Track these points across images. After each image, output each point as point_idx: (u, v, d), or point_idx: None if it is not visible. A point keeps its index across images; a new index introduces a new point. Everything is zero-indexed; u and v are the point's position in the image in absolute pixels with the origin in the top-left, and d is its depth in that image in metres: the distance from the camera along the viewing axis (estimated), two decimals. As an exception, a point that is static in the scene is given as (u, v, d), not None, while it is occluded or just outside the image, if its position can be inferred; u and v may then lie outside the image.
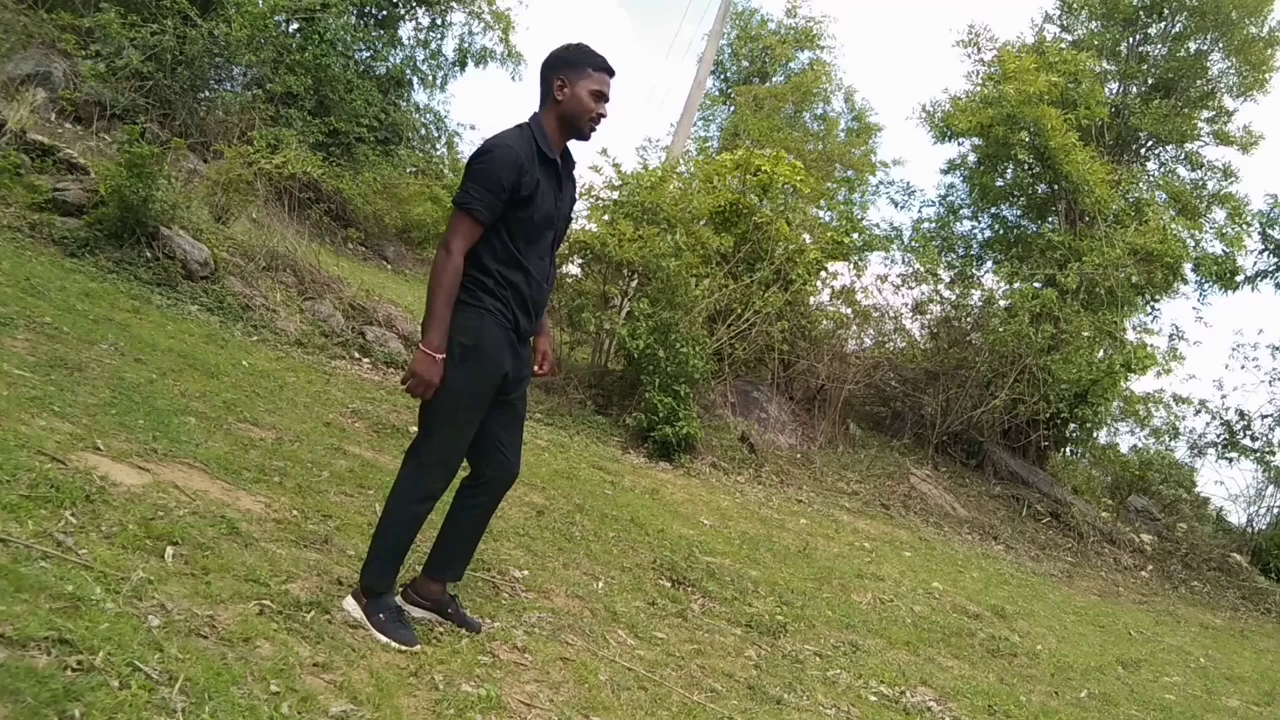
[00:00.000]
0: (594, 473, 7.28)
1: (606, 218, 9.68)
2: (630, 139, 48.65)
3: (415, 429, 3.37)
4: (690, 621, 4.46)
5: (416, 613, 3.25)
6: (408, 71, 18.65)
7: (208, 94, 14.36)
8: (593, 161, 10.44)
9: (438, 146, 21.52)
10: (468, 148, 27.33)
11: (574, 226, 9.85)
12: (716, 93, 23.48)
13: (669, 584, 4.99)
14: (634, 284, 9.97)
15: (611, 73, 3.11)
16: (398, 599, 3.20)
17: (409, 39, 18.87)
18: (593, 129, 3.10)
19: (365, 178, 15.68)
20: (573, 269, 10.31)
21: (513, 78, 19.97)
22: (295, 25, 15.26)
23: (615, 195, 9.98)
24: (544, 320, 3.41)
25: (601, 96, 3.06)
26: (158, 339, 6.17)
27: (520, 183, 2.92)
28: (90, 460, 3.59)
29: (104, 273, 7.21)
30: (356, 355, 8.33)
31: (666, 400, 8.68)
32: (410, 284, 14.44)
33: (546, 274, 3.16)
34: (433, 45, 19.13)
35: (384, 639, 2.97)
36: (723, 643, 4.31)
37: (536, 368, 3.38)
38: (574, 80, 3.03)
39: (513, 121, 3.09)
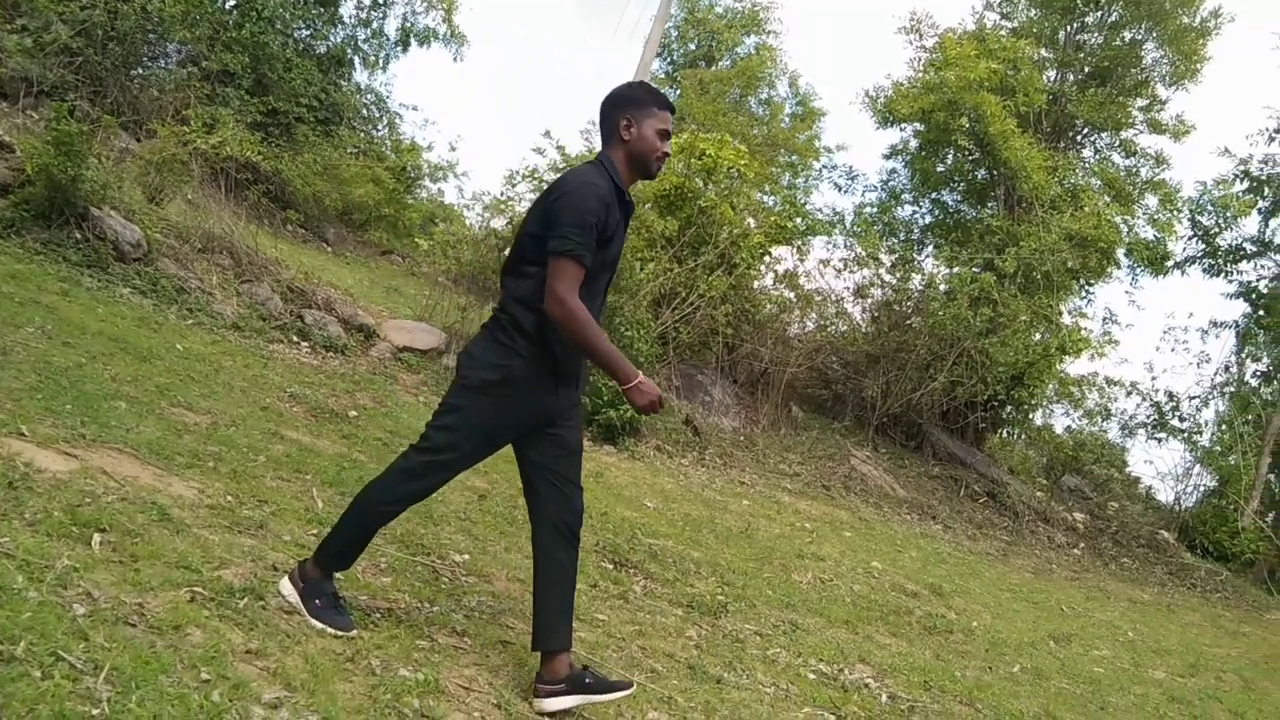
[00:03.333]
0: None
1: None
2: (574, 121, 48.49)
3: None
4: (632, 603, 4.48)
5: (566, 702, 2.94)
6: (349, 51, 18.33)
7: (141, 71, 13.98)
8: (536, 144, 10.38)
9: (379, 127, 21.20)
10: (410, 128, 27.01)
11: (518, 209, 9.81)
12: (662, 75, 23.39)
13: (611, 566, 5.00)
14: (578, 267, 9.94)
15: (673, 110, 3.05)
16: (535, 699, 3.00)
17: (350, 17, 18.53)
18: (659, 168, 3.04)
19: (305, 159, 15.40)
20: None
21: (455, 58, 19.79)
22: (232, 1, 14.92)
23: (559, 178, 9.93)
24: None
25: (666, 135, 3.00)
26: (88, 322, 6.02)
27: (607, 222, 2.83)
28: (14, 446, 3.50)
29: (31, 254, 7.00)
30: (295, 339, 8.20)
31: (611, 384, 8.68)
32: (351, 266, 14.25)
33: (597, 315, 3.02)
34: (374, 24, 18.82)
35: (319, 624, 2.93)
36: (664, 623, 4.34)
37: None
38: (640, 119, 2.96)
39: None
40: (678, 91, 21.87)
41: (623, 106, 2.98)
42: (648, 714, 3.23)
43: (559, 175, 3.04)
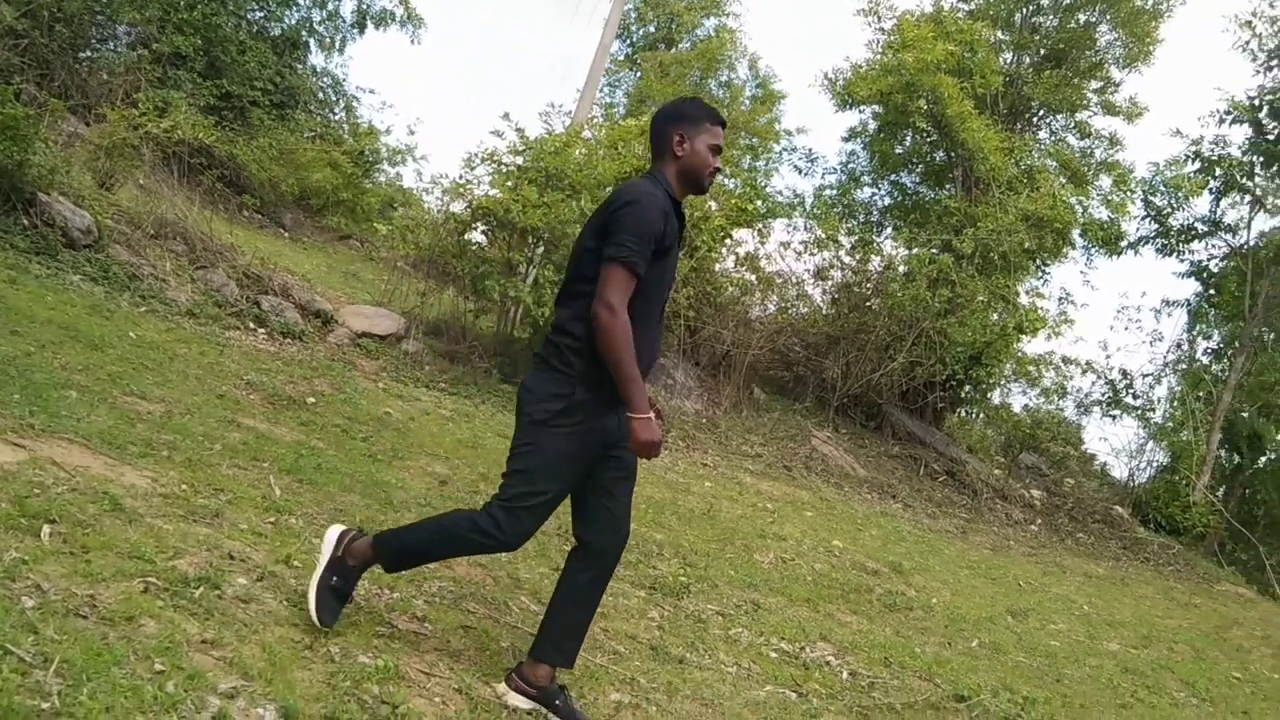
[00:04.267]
0: (500, 442, 7.23)
1: (510, 184, 9.55)
2: (534, 104, 48.16)
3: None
4: (594, 586, 4.49)
5: (524, 703, 2.92)
6: (304, 33, 18.03)
7: (89, 54, 13.68)
8: (495, 126, 10.26)
9: (336, 111, 20.92)
10: (367, 111, 26.69)
11: (477, 193, 9.72)
12: (622, 57, 23.34)
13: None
14: (540, 251, 9.88)
15: (725, 124, 3.02)
16: (503, 684, 3.00)
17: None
18: (710, 183, 3.01)
19: (260, 143, 15.15)
20: (476, 236, 10.17)
21: (412, 41, 19.50)
22: (183, -18, 14.61)
23: (519, 160, 9.85)
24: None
25: (718, 150, 2.97)
26: (36, 310, 5.90)
27: (665, 232, 2.79)
28: (-40, 437, 3.43)
29: (-24, 241, 6.85)
30: (252, 326, 8.10)
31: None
32: (308, 252, 14.08)
33: (656, 338, 3.00)
34: (330, 6, 18.52)
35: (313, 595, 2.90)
36: (626, 605, 4.35)
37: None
38: (693, 135, 2.93)
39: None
40: (638, 74, 21.80)
41: (676, 122, 2.95)
42: (610, 695, 3.24)
43: (615, 188, 2.96)
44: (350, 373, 7.73)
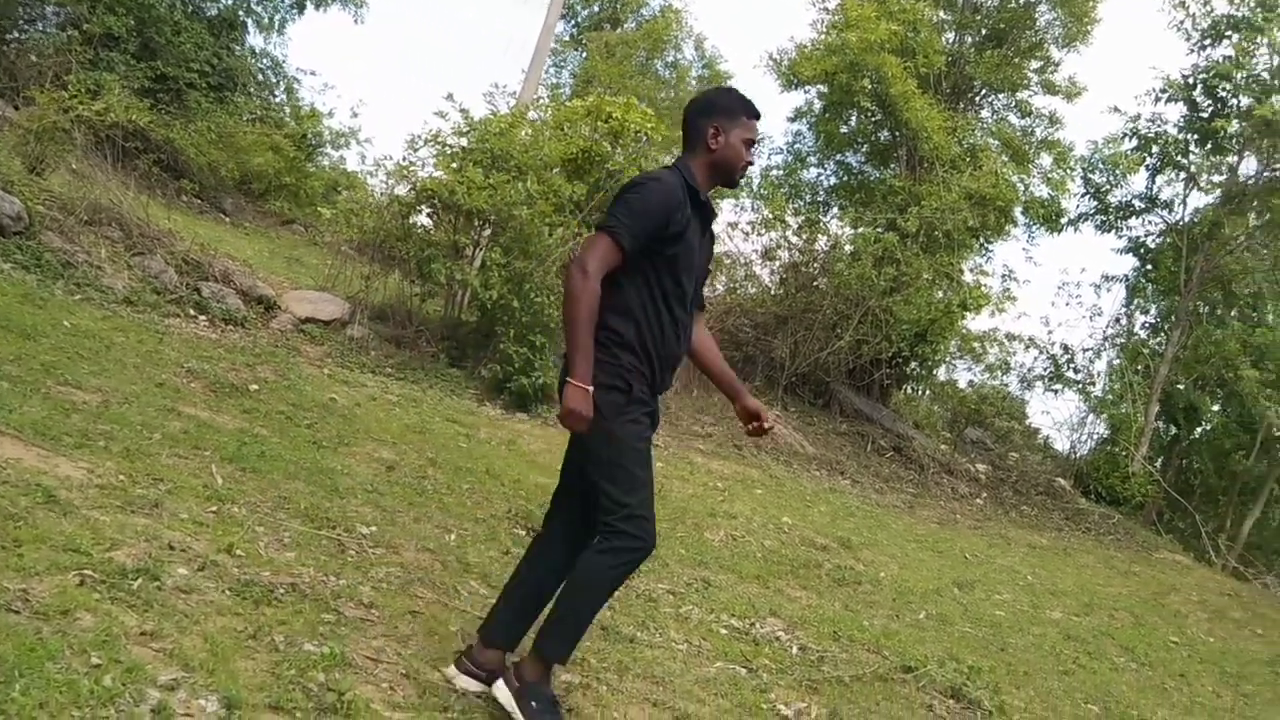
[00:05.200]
0: (448, 426, 7.19)
1: (455, 165, 9.44)
2: (479, 85, 47.60)
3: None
4: (544, 568, 4.48)
5: (472, 685, 2.88)
6: (241, 13, 17.61)
7: (17, 35, 13.28)
8: (439, 107, 10.10)
9: (276, 93, 20.53)
10: (308, 94, 26.23)
11: (421, 175, 9.60)
12: (568, 37, 23.15)
13: (524, 532, 4.99)
14: (486, 233, 9.80)
15: (760, 116, 2.95)
16: (451, 667, 2.95)
17: (242, -21, 17.83)
18: (742, 176, 2.97)
19: (198, 126, 14.81)
20: (422, 219, 10.05)
21: (355, 20, 19.18)
22: (113, -40, 14.18)
23: (464, 142, 9.74)
24: (734, 381, 3.22)
25: (752, 144, 2.91)
26: (-36, 299, 5.73)
27: (671, 219, 2.72)
28: (-117, 431, 3.32)
29: (-101, 229, 6.62)
30: (192, 312, 7.94)
31: (522, 351, 8.62)
32: (250, 237, 13.82)
33: (687, 327, 2.93)
34: (269, -15, 18.15)
35: None
36: (576, 587, 4.35)
37: (754, 425, 3.15)
38: (728, 128, 2.85)
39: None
40: (583, 54, 21.64)
41: (711, 114, 2.88)
42: (560, 676, 3.24)
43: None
44: (294, 359, 7.61)
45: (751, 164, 2.99)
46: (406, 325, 9.35)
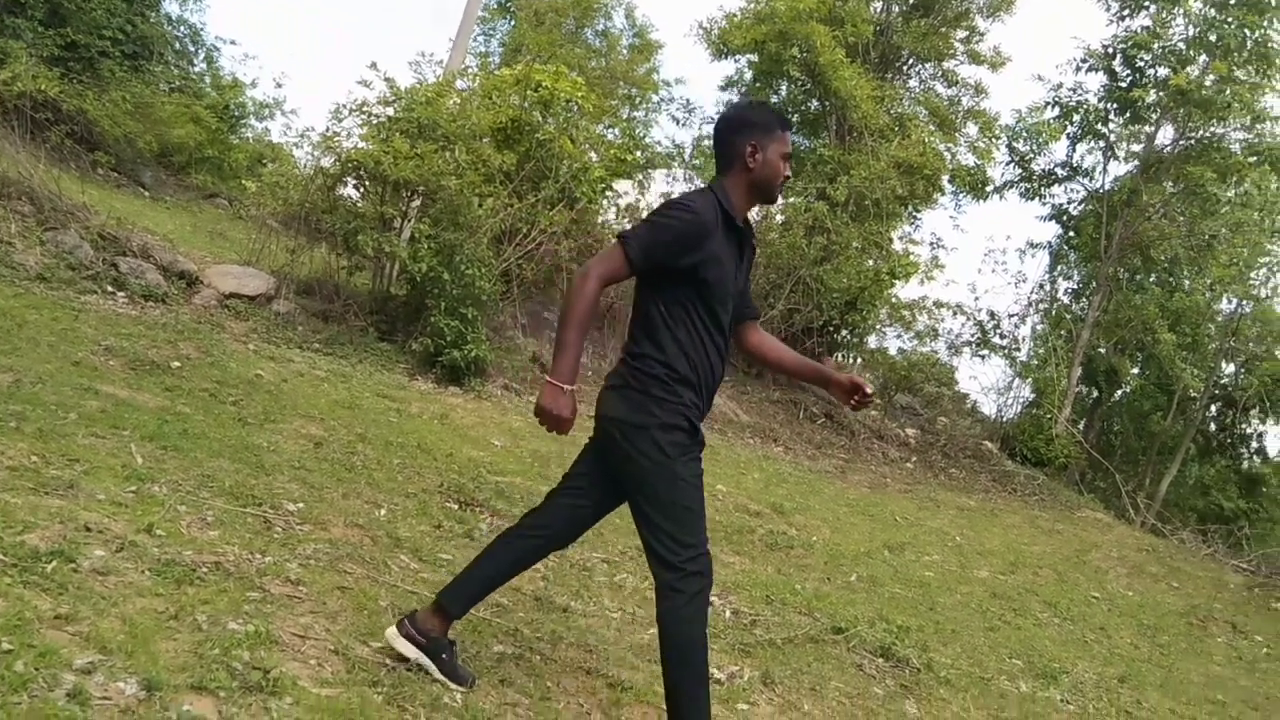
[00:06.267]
0: (378, 401, 7.09)
1: (381, 136, 9.26)
2: (404, 53, 46.68)
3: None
4: (478, 541, 4.45)
5: (409, 651, 2.82)
6: (155, -23, 17.06)
7: (-87, 0, 12.62)
8: (363, 75, 9.91)
9: (196, 62, 19.96)
10: (229, 64, 25.49)
11: (346, 145, 9.40)
12: (496, 5, 22.79)
13: (456, 506, 4.96)
14: (415, 205, 9.64)
15: (793, 129, 2.89)
16: (391, 629, 2.89)
17: (155, -58, 17.22)
18: (780, 192, 2.89)
19: (113, 96, 14.33)
20: (348, 190, 9.85)
21: (275, -14, 18.64)
22: (15, -79, 13.59)
23: (389, 111, 9.55)
24: (818, 368, 3.18)
25: (788, 157, 2.82)
26: None
27: (699, 247, 2.64)
28: None
29: None
30: (110, 289, 7.68)
31: (453, 324, 8.52)
32: (171, 211, 13.44)
33: (724, 353, 2.85)
34: (183, -50, 17.57)
35: None
36: (510, 559, 4.34)
37: (857, 398, 3.03)
38: (766, 144, 2.76)
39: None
40: (511, 22, 21.34)
41: (748, 132, 2.78)
42: (493, 648, 3.24)
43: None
44: (218, 335, 7.43)
45: (790, 179, 2.92)
46: (334, 299, 9.17)
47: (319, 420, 5.84)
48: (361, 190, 9.75)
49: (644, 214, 12.84)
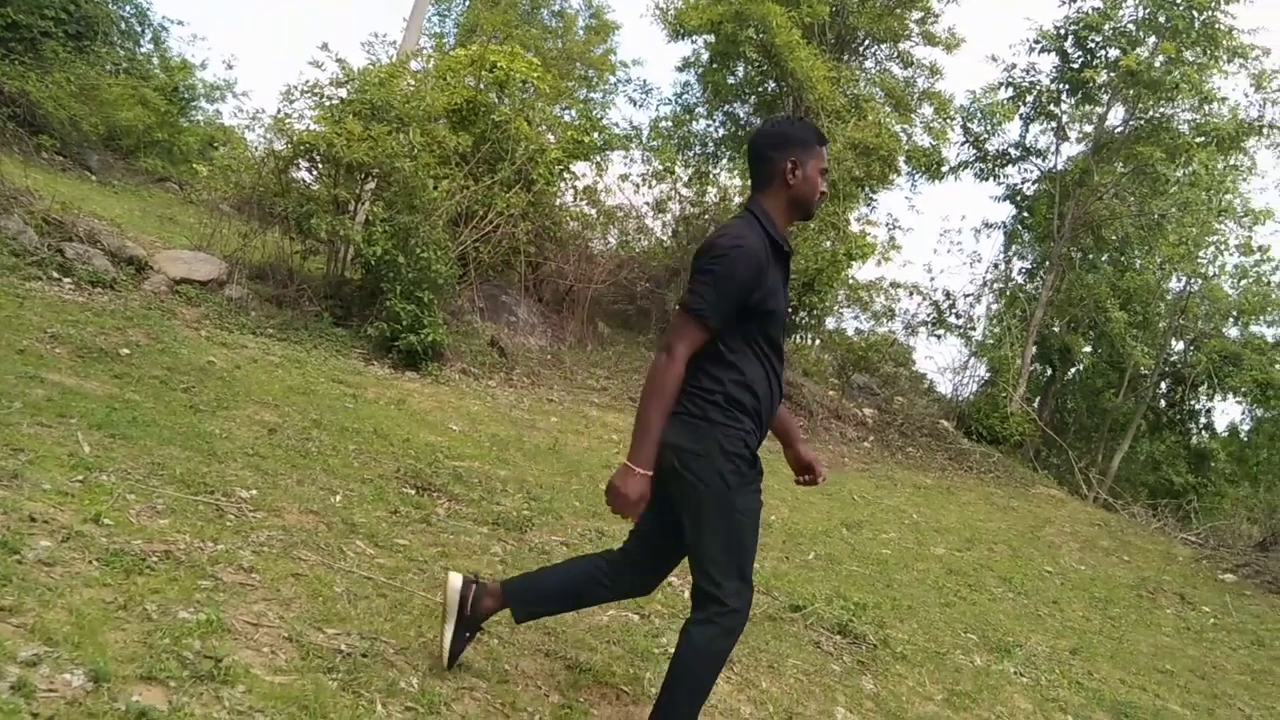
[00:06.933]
0: (333, 387, 7.01)
1: (334, 117, 9.12)
2: (357, 34, 46.06)
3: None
4: (435, 525, 4.44)
5: (453, 599, 2.85)
6: (98, -44, 16.63)
7: None
8: (314, 56, 9.73)
9: (142, 43, 19.52)
10: (177, 44, 24.95)
11: (298, 127, 9.26)
12: (450, -14, 22.50)
13: (413, 491, 4.92)
14: (369, 187, 9.53)
15: (828, 143, 2.81)
16: (458, 574, 2.90)
17: (97, -82, 16.76)
18: (818, 208, 2.82)
19: (56, 78, 13.99)
20: (301, 173, 9.70)
21: (223, -34, 18.26)
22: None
23: (342, 93, 9.42)
24: (790, 426, 3.07)
25: (826, 173, 2.77)
26: None
27: (760, 283, 2.56)
28: None
29: None
30: (56, 275, 7.52)
31: (409, 308, 8.45)
32: (119, 196, 13.16)
33: (781, 374, 2.77)
34: (127, -73, 17.14)
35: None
36: (469, 542, 4.33)
37: (805, 477, 3.05)
38: (805, 160, 2.69)
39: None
40: (466, 2, 21.10)
41: (787, 148, 2.70)
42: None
43: (713, 233, 2.71)
44: (169, 321, 7.30)
45: (826, 194, 2.86)
46: (288, 284, 9.05)
47: (273, 406, 5.77)
48: (315, 173, 9.61)
49: (602, 197, 12.79)
